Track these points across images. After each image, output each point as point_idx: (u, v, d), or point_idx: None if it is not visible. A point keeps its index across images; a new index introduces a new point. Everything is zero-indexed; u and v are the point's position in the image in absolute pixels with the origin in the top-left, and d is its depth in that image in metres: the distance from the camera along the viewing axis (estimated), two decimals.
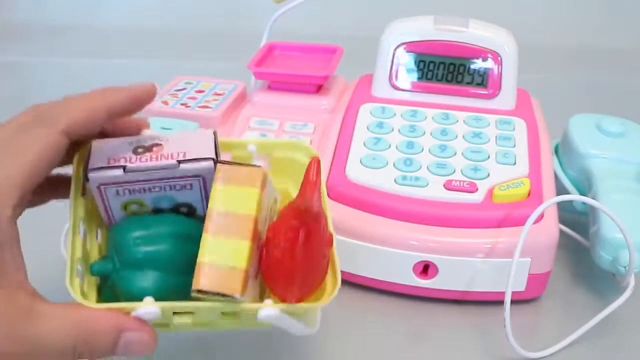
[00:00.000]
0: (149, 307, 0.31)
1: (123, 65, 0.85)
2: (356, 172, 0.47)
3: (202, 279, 0.31)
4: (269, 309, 0.31)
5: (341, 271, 0.34)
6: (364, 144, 0.50)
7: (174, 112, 0.56)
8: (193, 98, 0.59)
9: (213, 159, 0.34)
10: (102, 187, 0.34)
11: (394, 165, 0.48)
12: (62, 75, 0.83)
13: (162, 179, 0.34)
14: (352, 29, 0.86)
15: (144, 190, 0.35)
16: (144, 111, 0.35)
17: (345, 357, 0.42)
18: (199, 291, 0.31)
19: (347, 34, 0.77)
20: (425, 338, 0.44)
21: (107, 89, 0.34)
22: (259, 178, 0.33)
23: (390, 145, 0.49)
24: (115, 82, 0.35)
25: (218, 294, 0.30)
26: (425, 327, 0.44)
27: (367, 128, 0.51)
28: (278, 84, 0.58)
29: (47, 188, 0.35)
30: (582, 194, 0.51)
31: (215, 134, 0.36)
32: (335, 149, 0.50)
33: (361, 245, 0.45)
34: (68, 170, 0.36)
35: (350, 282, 0.47)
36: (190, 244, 0.32)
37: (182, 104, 0.58)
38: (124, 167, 0.33)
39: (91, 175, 0.34)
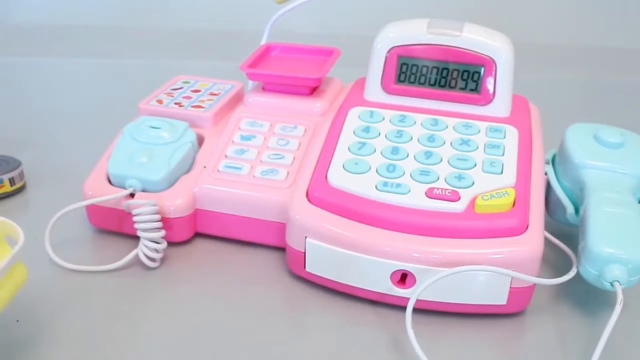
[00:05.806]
0: None
1: (123, 65, 0.84)
2: (337, 177, 0.46)
3: None
4: None
5: (319, 277, 0.33)
6: (349, 148, 0.49)
7: (165, 111, 0.56)
8: (188, 97, 0.59)
9: None
10: None
11: (376, 171, 0.47)
12: (62, 75, 0.84)
13: None
14: (356, 30, 0.84)
15: None
16: (136, 109, 0.34)
17: None
18: None
19: (351, 35, 0.76)
20: (402, 347, 0.43)
21: None
22: None
23: (374, 150, 0.48)
24: (115, 82, 0.35)
25: None
26: (404, 336, 0.43)
27: (354, 132, 0.50)
28: (271, 86, 0.57)
29: None
30: (575, 205, 0.49)
31: None
32: (320, 153, 0.49)
33: (339, 252, 0.44)
34: None
35: (328, 288, 0.46)
36: None
37: (175, 103, 0.58)
38: None
39: None
